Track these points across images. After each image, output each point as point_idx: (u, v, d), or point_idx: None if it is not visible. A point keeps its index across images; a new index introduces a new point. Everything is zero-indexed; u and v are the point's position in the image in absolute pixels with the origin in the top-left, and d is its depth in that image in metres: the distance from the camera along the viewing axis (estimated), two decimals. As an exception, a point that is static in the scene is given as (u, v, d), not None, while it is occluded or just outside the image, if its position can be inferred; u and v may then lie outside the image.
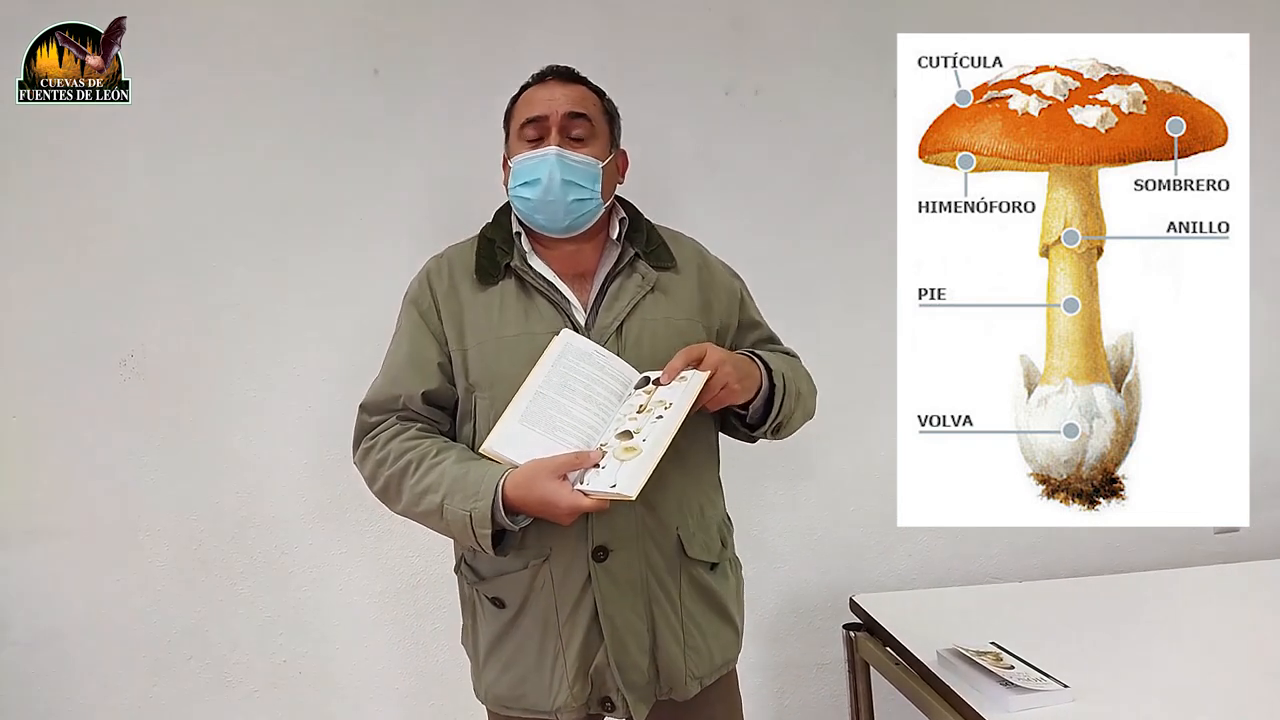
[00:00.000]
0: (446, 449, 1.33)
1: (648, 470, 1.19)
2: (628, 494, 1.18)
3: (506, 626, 1.37)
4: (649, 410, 1.25)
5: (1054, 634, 1.66)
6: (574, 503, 1.20)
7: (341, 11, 1.90)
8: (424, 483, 1.29)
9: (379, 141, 1.92)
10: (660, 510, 1.35)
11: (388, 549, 1.98)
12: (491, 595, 1.38)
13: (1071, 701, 1.42)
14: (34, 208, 1.85)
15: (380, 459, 1.35)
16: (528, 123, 1.37)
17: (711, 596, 1.40)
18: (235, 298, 1.90)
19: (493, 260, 1.39)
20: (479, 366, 1.35)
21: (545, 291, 1.37)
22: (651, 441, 1.21)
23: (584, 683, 1.34)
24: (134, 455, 1.90)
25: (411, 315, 1.42)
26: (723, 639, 1.42)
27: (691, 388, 1.25)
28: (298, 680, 1.97)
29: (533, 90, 1.41)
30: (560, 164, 1.34)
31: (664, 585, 1.36)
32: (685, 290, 1.41)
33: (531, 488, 1.22)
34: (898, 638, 1.65)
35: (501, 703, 1.40)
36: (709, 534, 1.41)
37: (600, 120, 1.40)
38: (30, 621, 1.90)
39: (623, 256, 1.40)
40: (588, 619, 1.33)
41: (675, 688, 1.37)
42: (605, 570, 1.32)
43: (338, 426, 1.93)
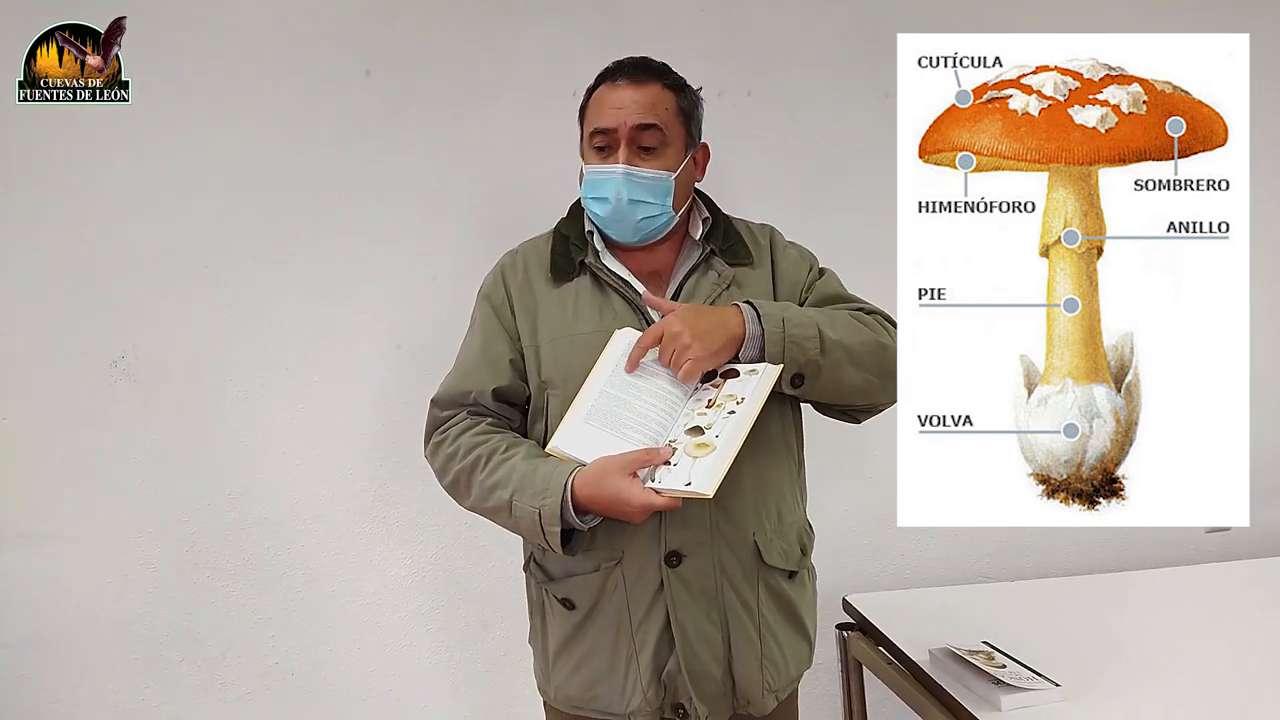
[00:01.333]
0: (516, 444, 1.31)
1: (724, 467, 1.17)
2: (704, 492, 1.15)
3: (577, 628, 1.35)
4: (719, 405, 1.23)
5: (1046, 633, 1.67)
6: (647, 500, 1.17)
7: (340, 12, 1.91)
8: (493, 478, 1.28)
9: (376, 142, 1.92)
10: (736, 515, 1.32)
11: (380, 551, 1.97)
12: (561, 596, 1.36)
13: (1063, 700, 1.42)
14: (33, 208, 1.85)
15: (451, 453, 1.34)
16: (597, 133, 1.34)
17: (789, 607, 1.38)
18: (229, 298, 1.90)
19: (568, 257, 1.38)
20: (551, 363, 1.34)
21: (620, 290, 1.35)
22: (725, 438, 1.19)
23: (658, 687, 1.32)
24: (126, 457, 1.89)
25: (485, 310, 1.40)
26: (798, 652, 1.40)
27: (765, 381, 1.23)
28: (290, 682, 1.96)
29: (605, 92, 1.36)
30: (628, 183, 1.32)
31: (740, 594, 1.33)
32: (761, 286, 1.40)
33: (602, 485, 1.20)
34: (890, 637, 1.66)
35: (572, 703, 1.38)
36: (788, 540, 1.39)
37: (674, 125, 1.36)
38: (22, 623, 1.89)
39: (699, 255, 1.39)
40: (660, 625, 1.31)
41: (753, 701, 1.35)
42: (678, 576, 1.30)
43: (330, 427, 1.94)
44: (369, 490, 1.94)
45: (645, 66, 1.37)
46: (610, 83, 1.36)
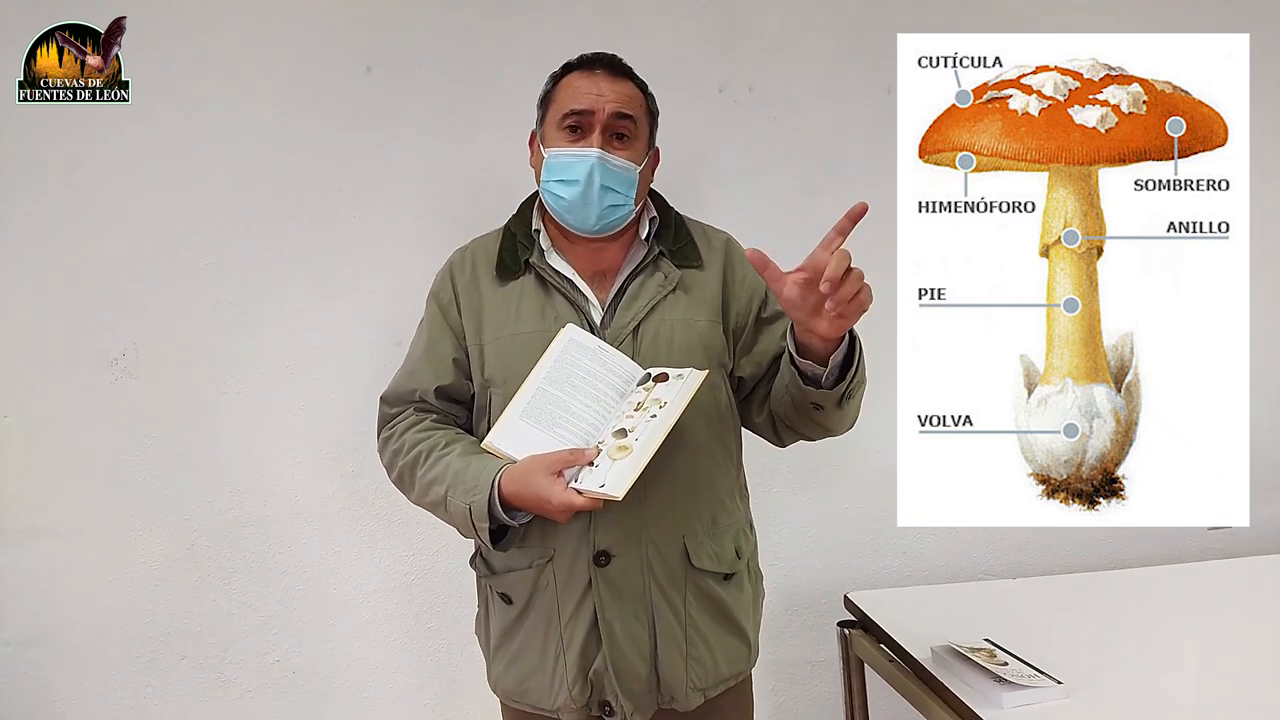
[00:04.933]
0: (455, 441, 1.32)
1: (636, 470, 1.17)
2: (614, 494, 1.16)
3: (513, 622, 1.37)
4: (645, 408, 1.24)
5: (1048, 630, 1.67)
6: (567, 500, 1.18)
7: (340, 10, 1.90)
8: (431, 474, 1.30)
9: (375, 139, 1.92)
10: (665, 516, 1.33)
11: (381, 547, 1.97)
12: (500, 591, 1.38)
13: (1065, 698, 1.42)
14: (33, 207, 1.85)
15: (396, 449, 1.36)
16: (571, 114, 1.32)
17: (721, 608, 1.37)
18: (229, 296, 1.90)
19: (514, 256, 1.38)
20: (494, 362, 1.35)
21: (563, 289, 1.35)
22: (643, 441, 1.20)
23: (584, 685, 1.33)
24: (126, 454, 1.89)
25: (432, 309, 1.42)
26: (730, 652, 1.39)
27: (688, 386, 1.23)
28: (292, 679, 1.96)
29: (579, 78, 1.35)
30: (601, 167, 1.31)
31: (667, 595, 1.34)
32: (708, 290, 1.39)
33: (527, 483, 1.21)
34: (892, 635, 1.65)
35: (509, 696, 1.41)
36: (720, 544, 1.38)
37: (643, 121, 1.37)
38: (23, 621, 1.89)
39: (647, 255, 1.38)
40: (588, 623, 1.32)
41: (676, 698, 1.36)
42: (605, 576, 1.31)
43: (332, 424, 1.94)
44: (370, 487, 1.94)
45: (620, 63, 1.37)
46: (586, 71, 1.35)
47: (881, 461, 1.61)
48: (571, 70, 1.37)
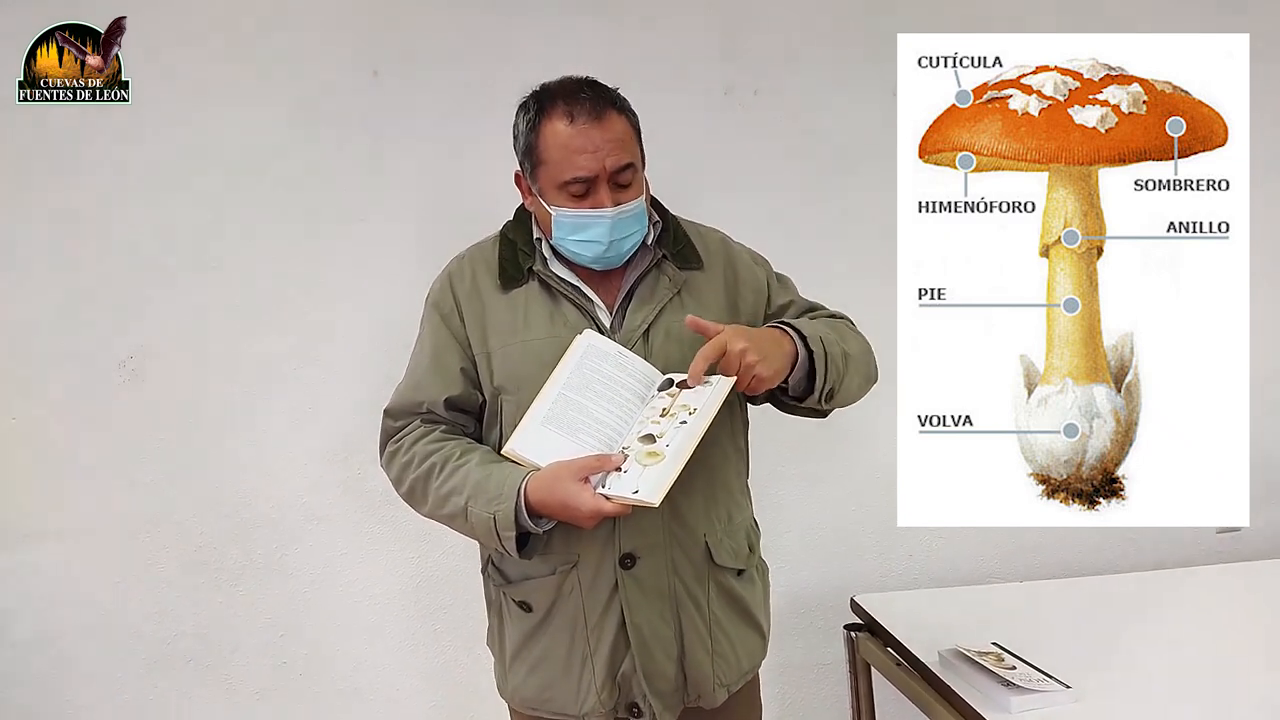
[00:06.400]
0: (470, 451, 1.31)
1: (672, 477, 1.18)
2: (651, 501, 1.16)
3: (533, 630, 1.37)
4: (673, 414, 1.23)
5: (1056, 634, 1.66)
6: (595, 507, 1.18)
7: (341, 12, 1.90)
8: (448, 485, 1.28)
9: (379, 143, 1.92)
10: (688, 517, 1.34)
11: (389, 550, 1.98)
12: (519, 599, 1.37)
13: (1074, 702, 1.42)
14: (34, 208, 1.85)
15: (405, 462, 1.34)
16: (575, 181, 1.27)
17: (739, 603, 1.39)
18: (235, 298, 1.90)
19: (515, 264, 1.37)
20: (504, 370, 1.34)
21: (569, 295, 1.35)
22: (675, 448, 1.19)
23: (612, 688, 1.34)
24: (133, 457, 1.89)
25: (434, 319, 1.40)
26: (750, 646, 1.42)
27: (718, 393, 1.23)
28: (299, 682, 1.97)
29: (567, 135, 1.27)
30: (617, 221, 1.29)
31: (692, 593, 1.35)
32: (712, 291, 1.39)
33: (553, 490, 1.21)
34: (899, 638, 1.65)
35: (528, 704, 1.40)
36: (737, 540, 1.40)
37: (637, 150, 1.33)
38: (30, 623, 1.90)
39: (651, 259, 1.37)
40: (615, 626, 1.32)
41: (704, 695, 1.37)
42: (632, 578, 1.32)
43: (339, 427, 1.94)
44: (377, 491, 1.93)
45: (597, 98, 1.28)
46: (569, 123, 1.27)
47: (888, 461, 1.61)
48: (546, 114, 1.29)
